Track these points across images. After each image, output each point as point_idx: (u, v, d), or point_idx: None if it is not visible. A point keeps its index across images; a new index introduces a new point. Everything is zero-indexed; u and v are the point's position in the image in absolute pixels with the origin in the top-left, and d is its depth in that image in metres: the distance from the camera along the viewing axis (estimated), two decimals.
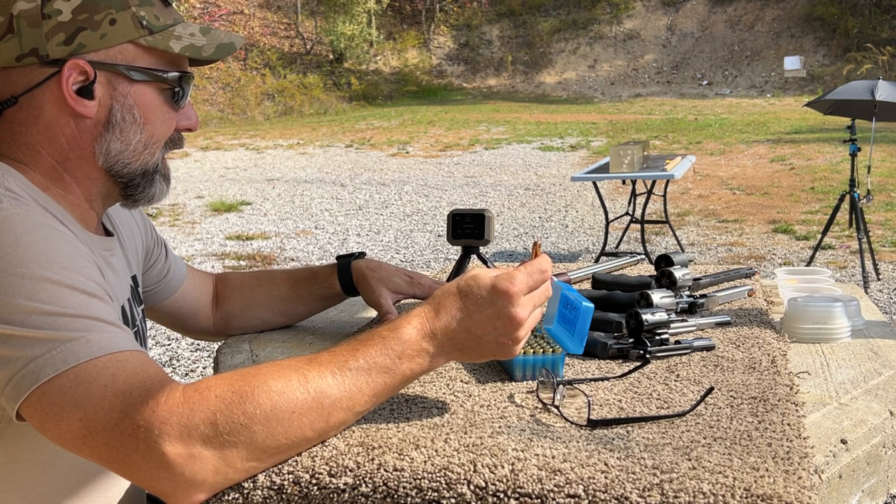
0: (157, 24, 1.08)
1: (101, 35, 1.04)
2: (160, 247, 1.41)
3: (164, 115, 1.11)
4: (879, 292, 5.75)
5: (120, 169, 1.10)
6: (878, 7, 24.76)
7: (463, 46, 28.92)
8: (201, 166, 13.56)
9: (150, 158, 1.11)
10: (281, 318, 1.50)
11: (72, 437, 0.87)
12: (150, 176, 1.13)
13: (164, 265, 1.41)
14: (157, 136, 1.11)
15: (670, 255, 1.55)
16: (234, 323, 1.50)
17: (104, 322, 0.91)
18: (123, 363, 0.88)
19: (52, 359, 0.86)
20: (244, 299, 1.49)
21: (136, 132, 1.08)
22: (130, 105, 1.07)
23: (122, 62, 1.06)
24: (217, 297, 1.51)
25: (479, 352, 0.97)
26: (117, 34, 1.05)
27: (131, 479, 0.87)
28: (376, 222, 8.84)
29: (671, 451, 0.88)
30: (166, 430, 0.83)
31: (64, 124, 1.05)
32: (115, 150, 1.08)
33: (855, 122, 5.93)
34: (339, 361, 0.92)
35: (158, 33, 1.08)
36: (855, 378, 1.14)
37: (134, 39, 1.06)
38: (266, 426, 0.86)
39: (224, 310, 1.50)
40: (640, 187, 7.03)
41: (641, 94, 24.84)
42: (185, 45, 1.10)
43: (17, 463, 1.04)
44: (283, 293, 1.49)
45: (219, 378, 0.89)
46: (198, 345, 4.95)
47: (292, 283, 1.50)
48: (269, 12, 27.91)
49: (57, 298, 0.89)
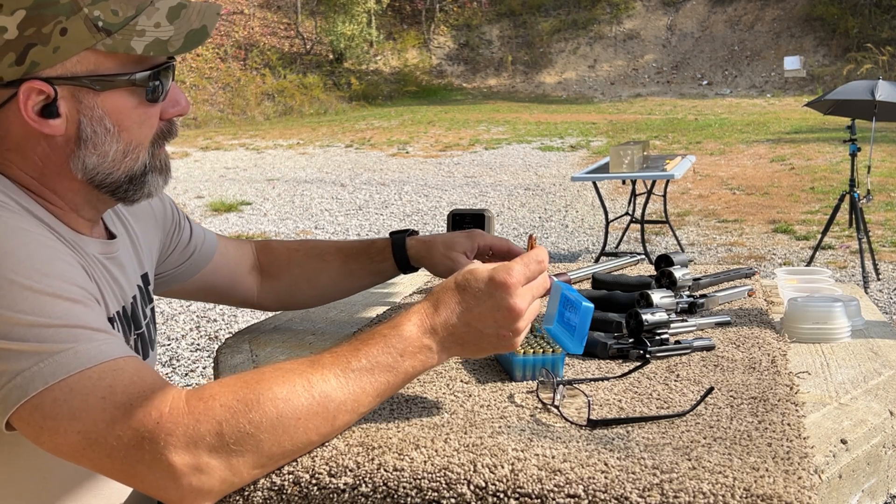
0: (115, 21, 0.97)
1: (53, 48, 0.94)
2: (180, 230, 1.36)
3: (140, 116, 1.03)
4: (879, 292, 5.75)
5: (102, 180, 1.03)
6: (878, 7, 24.75)
7: (463, 46, 28.91)
8: (201, 166, 13.56)
9: (133, 164, 1.04)
10: (330, 295, 1.49)
11: (70, 449, 0.86)
12: (140, 179, 1.06)
13: (188, 247, 1.36)
14: (138, 139, 1.04)
15: (670, 255, 1.55)
16: (283, 299, 1.47)
17: (91, 329, 0.89)
18: (119, 372, 0.87)
19: (39, 371, 0.84)
20: (293, 278, 1.46)
21: (111, 142, 1.01)
22: (100, 116, 0.99)
23: (84, 72, 0.97)
24: (262, 271, 1.47)
25: (481, 346, 0.96)
26: (71, 44, 0.95)
27: (136, 487, 0.87)
28: (376, 222, 8.84)
29: (671, 451, 0.88)
30: (172, 442, 0.83)
31: (34, 144, 0.99)
32: (92, 163, 1.01)
33: (855, 122, 5.93)
34: (342, 363, 0.91)
35: (118, 33, 0.97)
36: (855, 378, 1.14)
37: (91, 46, 0.96)
38: (272, 434, 0.86)
39: (272, 286, 1.46)
40: (640, 187, 7.02)
41: (641, 94, 24.84)
42: (148, 41, 0.98)
43: (16, 470, 1.02)
44: (334, 271, 1.45)
45: (222, 385, 0.88)
46: (198, 344, 4.95)
47: (344, 258, 1.46)
48: (269, 12, 27.91)
49: (40, 309, 0.86)
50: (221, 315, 5.54)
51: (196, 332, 5.20)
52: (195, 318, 5.46)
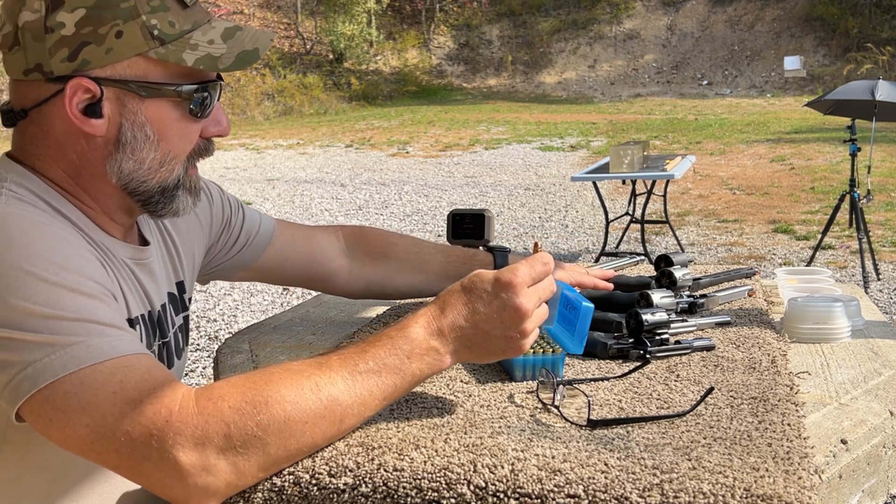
0: (170, 32, 0.99)
1: (106, 50, 0.97)
2: (230, 227, 1.35)
3: (182, 129, 1.04)
4: (879, 292, 5.75)
5: (136, 187, 1.04)
6: (878, 7, 24.75)
7: (463, 46, 28.91)
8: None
9: (168, 175, 1.05)
10: (419, 292, 1.51)
11: (78, 442, 0.86)
12: (171, 192, 1.07)
13: (238, 241, 1.35)
14: (175, 151, 1.04)
15: (670, 255, 1.55)
16: (373, 289, 1.49)
17: (104, 325, 0.89)
18: (130, 368, 0.87)
19: (50, 363, 0.85)
20: (389, 270, 1.47)
21: (149, 150, 1.02)
22: (142, 122, 1.00)
23: (132, 77, 0.99)
24: (352, 257, 1.47)
25: (488, 348, 0.96)
26: (124, 48, 0.97)
27: (141, 484, 0.87)
28: (376, 222, 8.84)
29: (671, 451, 0.88)
30: (180, 441, 0.83)
31: (74, 142, 1.01)
32: (128, 168, 1.02)
33: (855, 121, 5.93)
34: (350, 365, 0.91)
35: (171, 43, 0.99)
36: (855, 378, 1.14)
37: (143, 52, 0.98)
38: (279, 437, 0.86)
39: (363, 274, 1.47)
40: (640, 187, 7.03)
41: (641, 94, 24.83)
42: (200, 56, 1.00)
43: (26, 471, 1.02)
44: (432, 277, 1.48)
45: (231, 385, 0.88)
46: (198, 344, 4.95)
47: (445, 261, 1.48)
48: (269, 12, 27.92)
49: (55, 301, 0.87)
50: (221, 315, 5.54)
51: (196, 332, 5.20)
52: (195, 319, 5.46)
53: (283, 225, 1.42)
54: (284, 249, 1.40)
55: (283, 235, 1.41)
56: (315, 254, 1.43)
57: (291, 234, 1.42)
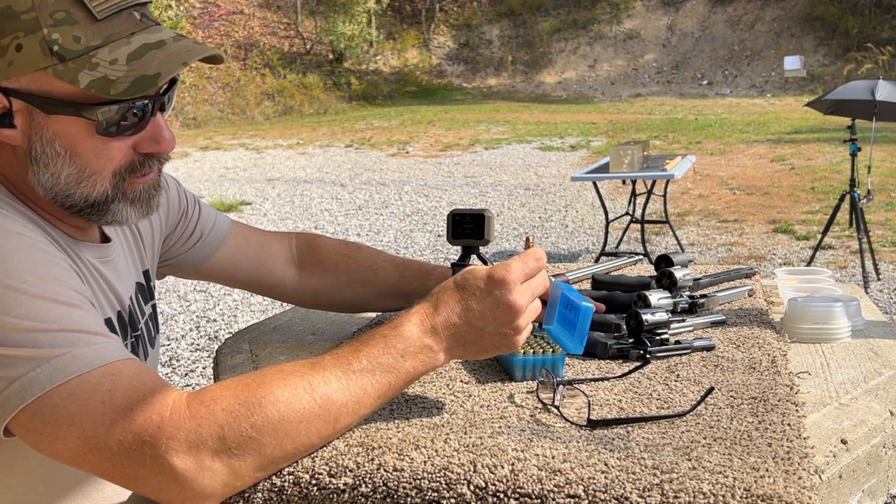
0: (73, 48, 0.92)
1: (8, 62, 0.92)
2: (186, 219, 1.33)
3: (95, 147, 0.97)
4: (879, 292, 5.75)
5: (63, 199, 0.99)
6: (878, 7, 24.75)
7: (463, 46, 28.91)
8: (201, 166, 13.56)
9: (91, 191, 0.99)
10: (371, 306, 1.47)
11: (70, 454, 0.85)
12: (102, 206, 1.01)
13: (193, 235, 1.34)
14: (93, 168, 0.98)
15: (670, 256, 1.55)
16: (321, 301, 1.46)
17: (87, 332, 0.88)
18: (117, 376, 0.86)
19: (37, 377, 0.84)
20: (338, 282, 1.44)
21: (62, 165, 0.96)
22: (50, 138, 0.95)
23: (37, 91, 0.93)
24: (302, 266, 1.44)
25: (482, 345, 0.96)
26: (23, 62, 0.92)
27: (137, 491, 0.87)
28: (376, 222, 8.84)
29: (671, 451, 0.88)
30: (173, 446, 0.83)
31: (5, 151, 0.98)
32: (47, 182, 0.97)
33: (855, 121, 5.93)
34: (343, 364, 0.91)
35: (72, 60, 0.92)
36: (855, 378, 1.14)
37: (42, 68, 0.92)
38: (274, 437, 0.86)
39: (311, 285, 1.44)
40: (640, 187, 7.02)
41: (641, 94, 24.83)
42: (95, 78, 0.92)
43: (15, 476, 1.02)
44: (385, 288, 1.44)
45: (223, 388, 0.88)
46: (197, 345, 4.95)
47: (398, 276, 1.43)
48: (269, 12, 27.90)
49: (36, 313, 0.86)
50: (221, 315, 5.54)
51: (196, 333, 5.19)
52: (195, 319, 5.46)
53: (237, 226, 1.41)
54: (236, 251, 1.39)
55: (237, 237, 1.39)
56: (264, 261, 1.41)
57: (245, 237, 1.40)
